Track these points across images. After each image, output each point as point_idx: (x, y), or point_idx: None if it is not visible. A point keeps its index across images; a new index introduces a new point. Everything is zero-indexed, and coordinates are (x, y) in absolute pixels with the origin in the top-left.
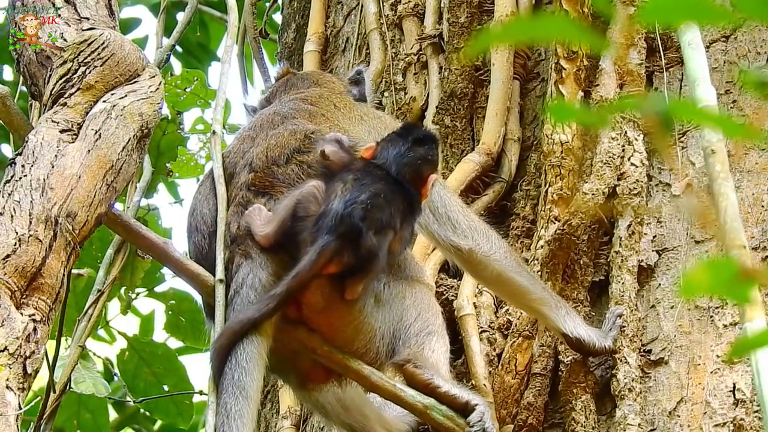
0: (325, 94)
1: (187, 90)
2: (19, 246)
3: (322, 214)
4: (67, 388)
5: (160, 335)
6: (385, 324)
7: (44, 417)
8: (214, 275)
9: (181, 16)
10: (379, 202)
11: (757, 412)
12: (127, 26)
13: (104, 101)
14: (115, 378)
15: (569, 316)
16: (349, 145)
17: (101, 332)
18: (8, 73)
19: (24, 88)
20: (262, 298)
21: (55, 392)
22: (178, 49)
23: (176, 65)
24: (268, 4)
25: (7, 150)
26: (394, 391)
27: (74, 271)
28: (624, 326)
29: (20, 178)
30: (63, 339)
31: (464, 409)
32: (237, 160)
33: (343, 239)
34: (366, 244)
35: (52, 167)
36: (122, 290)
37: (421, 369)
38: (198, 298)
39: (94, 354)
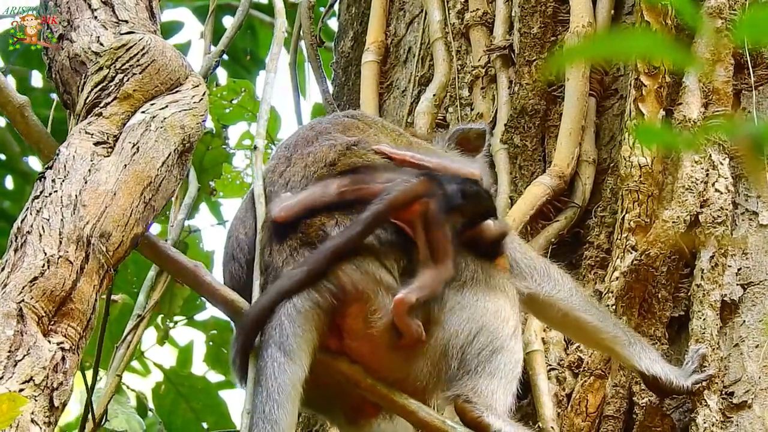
0: (378, 121)
1: (234, 102)
2: (48, 268)
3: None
4: (103, 422)
5: (199, 368)
6: (436, 346)
7: None
8: (249, 302)
9: (228, 21)
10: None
11: None
12: (167, 30)
13: (143, 112)
14: (150, 414)
15: (644, 353)
16: None
17: (135, 364)
18: (37, 79)
19: (55, 96)
20: (349, 226)
21: (94, 425)
22: (224, 56)
23: (221, 75)
24: (323, 9)
25: (36, 164)
26: (443, 428)
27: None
28: (708, 370)
29: (50, 194)
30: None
31: None
32: (275, 179)
33: (440, 188)
34: (457, 208)
35: (85, 183)
36: (159, 319)
37: (472, 404)
38: None
39: (128, 387)
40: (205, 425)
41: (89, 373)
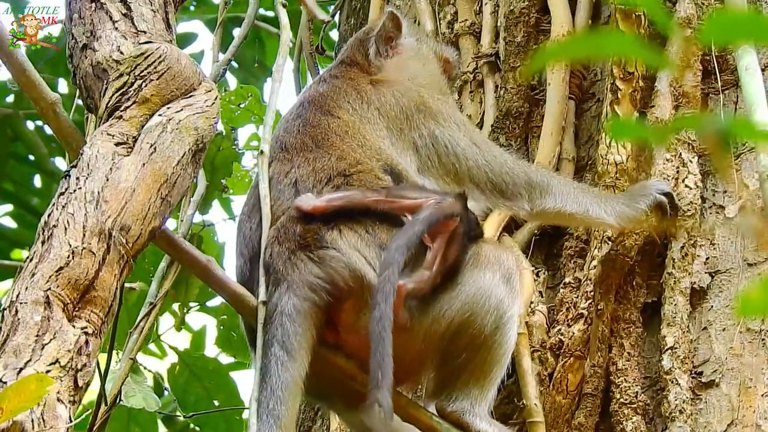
0: (345, 98)
1: (242, 106)
2: (73, 258)
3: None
4: (118, 401)
5: (211, 350)
6: (426, 340)
7: (94, 430)
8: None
9: (237, 32)
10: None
11: None
12: (183, 41)
13: (160, 115)
14: (166, 392)
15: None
16: None
17: (152, 346)
18: (63, 86)
19: (80, 102)
20: (406, 227)
21: (106, 405)
22: (234, 64)
23: (232, 81)
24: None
25: (62, 164)
26: (430, 423)
27: (126, 284)
28: (675, 348)
29: (74, 190)
30: (114, 352)
31: None
32: (281, 178)
33: (465, 211)
34: (474, 234)
35: (107, 180)
36: (176, 307)
37: (453, 405)
38: None
39: (145, 368)
40: (216, 402)
41: (104, 356)
